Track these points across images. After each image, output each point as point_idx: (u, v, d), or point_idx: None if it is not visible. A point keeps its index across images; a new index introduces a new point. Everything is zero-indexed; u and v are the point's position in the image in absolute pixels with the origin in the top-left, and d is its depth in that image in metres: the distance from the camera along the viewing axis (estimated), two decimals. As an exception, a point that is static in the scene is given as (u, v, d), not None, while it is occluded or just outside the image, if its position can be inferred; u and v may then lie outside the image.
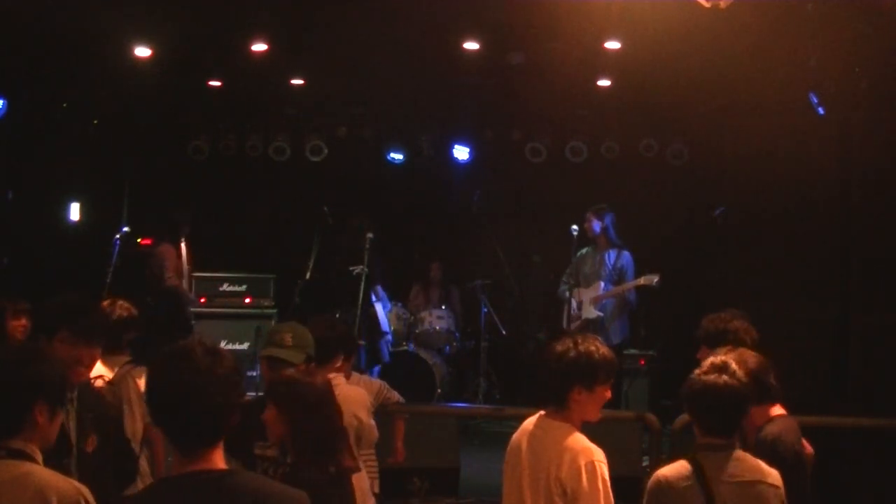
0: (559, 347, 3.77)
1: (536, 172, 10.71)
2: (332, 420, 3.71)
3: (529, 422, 3.88)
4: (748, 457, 3.52)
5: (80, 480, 3.46)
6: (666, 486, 3.45)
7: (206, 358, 2.48)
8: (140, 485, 4.55)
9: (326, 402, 3.74)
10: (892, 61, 7.14)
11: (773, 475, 3.51)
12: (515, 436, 3.91)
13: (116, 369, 4.82)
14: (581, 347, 3.73)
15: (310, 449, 3.56)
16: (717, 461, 3.44)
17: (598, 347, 3.75)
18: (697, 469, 3.41)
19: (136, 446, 4.66)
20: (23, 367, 2.91)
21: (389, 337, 9.27)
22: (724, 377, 3.47)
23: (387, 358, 9.26)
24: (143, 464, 4.75)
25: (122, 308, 5.06)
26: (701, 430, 3.53)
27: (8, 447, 2.83)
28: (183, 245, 9.37)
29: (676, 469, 3.47)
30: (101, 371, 4.56)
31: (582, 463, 3.63)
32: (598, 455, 3.67)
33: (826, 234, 7.36)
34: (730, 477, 3.42)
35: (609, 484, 3.65)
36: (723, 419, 3.49)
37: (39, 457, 2.89)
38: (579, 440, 3.71)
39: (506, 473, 3.89)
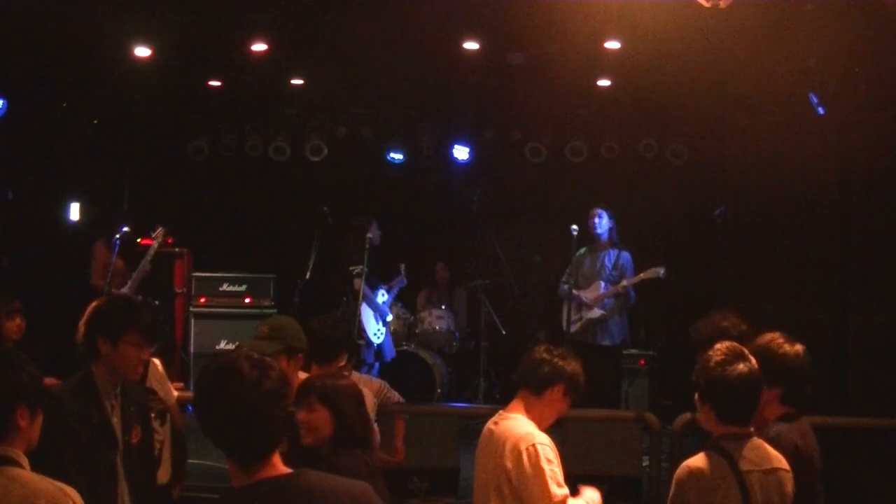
0: (556, 350, 4.02)
1: (536, 172, 10.71)
2: (367, 414, 3.81)
3: (494, 422, 3.99)
4: (763, 443, 3.52)
5: (126, 471, 3.65)
6: (699, 476, 3.39)
7: (253, 371, 2.46)
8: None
9: (362, 397, 3.84)
10: (892, 61, 7.14)
11: (784, 460, 3.53)
12: (481, 433, 4.03)
13: None
14: (571, 359, 4.00)
15: (350, 440, 3.62)
16: (739, 450, 3.43)
17: (580, 367, 4.01)
18: (730, 460, 3.39)
19: None
20: (10, 373, 2.92)
21: (371, 339, 9.17)
22: (745, 365, 3.46)
23: (370, 358, 9.16)
24: None
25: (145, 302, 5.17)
26: (719, 419, 3.48)
27: None
28: (154, 244, 9.24)
29: (705, 460, 3.43)
30: None
31: (523, 448, 3.72)
32: (540, 438, 3.76)
33: (826, 234, 7.35)
34: (754, 466, 3.42)
35: (554, 465, 3.71)
36: (745, 407, 3.48)
37: (25, 461, 2.90)
38: (522, 426, 3.80)
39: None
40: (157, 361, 4.91)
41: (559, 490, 3.70)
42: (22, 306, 6.11)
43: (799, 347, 3.90)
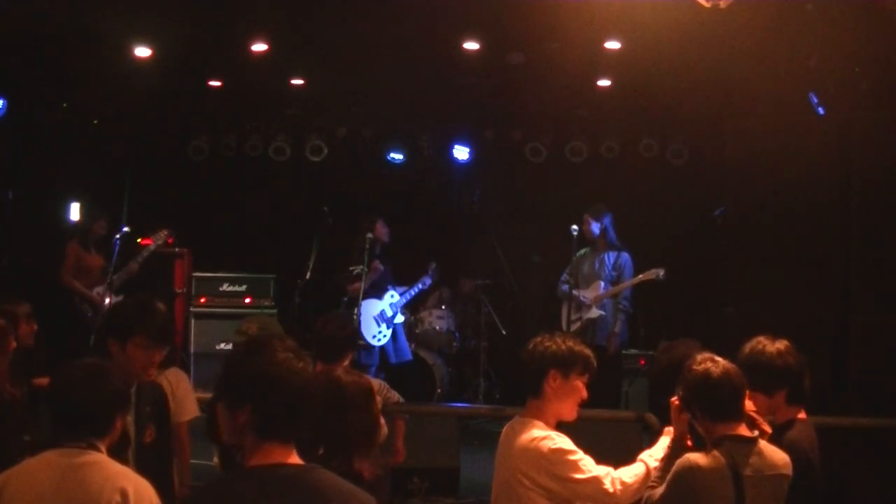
0: (538, 338, 3.88)
1: (536, 172, 10.71)
2: (361, 419, 3.69)
3: (509, 424, 3.94)
4: (767, 447, 3.53)
5: (139, 471, 3.64)
6: (699, 473, 3.40)
7: (295, 355, 2.57)
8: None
9: (361, 400, 3.71)
10: (892, 61, 7.14)
11: (788, 462, 3.54)
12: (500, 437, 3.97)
13: None
14: (559, 339, 3.85)
15: (337, 446, 3.54)
16: (743, 454, 3.44)
17: (576, 342, 3.87)
18: (732, 464, 3.40)
19: None
20: (112, 382, 3.31)
21: (371, 342, 9.13)
22: (716, 363, 3.51)
23: (374, 360, 9.10)
24: None
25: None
26: (712, 420, 3.50)
27: (87, 441, 3.22)
28: (152, 246, 9.28)
29: (709, 459, 3.43)
30: None
31: (547, 456, 3.67)
32: (555, 438, 3.71)
33: (826, 234, 7.34)
34: (755, 472, 3.43)
35: (577, 451, 3.70)
36: (737, 402, 3.50)
37: (105, 455, 3.27)
38: (532, 434, 3.73)
39: None
40: (184, 377, 4.84)
41: (600, 469, 3.69)
42: (32, 310, 6.11)
43: (780, 345, 3.91)
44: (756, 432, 3.54)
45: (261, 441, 2.53)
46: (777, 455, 3.53)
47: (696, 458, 3.46)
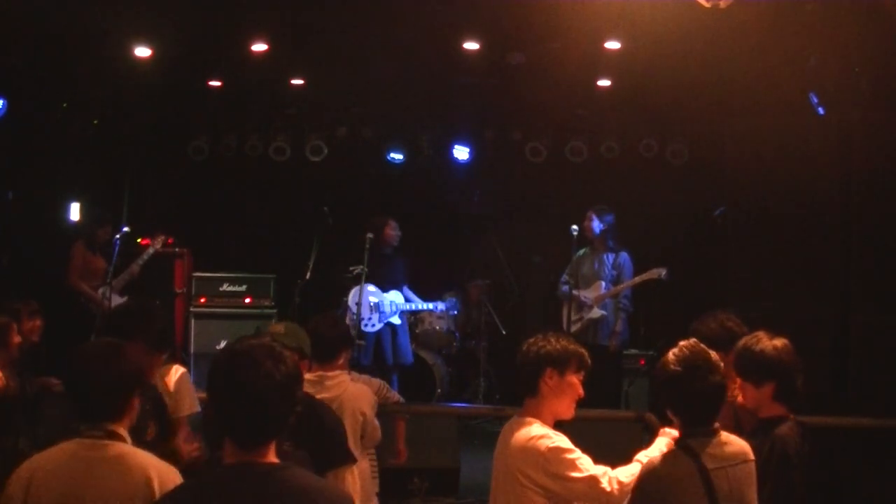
0: (532, 339, 3.94)
1: (536, 172, 10.71)
2: None
3: (507, 423, 3.96)
4: (729, 437, 3.52)
5: None
6: (664, 479, 3.41)
7: (267, 360, 2.59)
8: None
9: None
10: (892, 61, 7.14)
11: (749, 448, 3.54)
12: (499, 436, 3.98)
13: None
14: (552, 338, 3.89)
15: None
16: (706, 447, 3.42)
17: (570, 341, 3.92)
18: (696, 459, 3.38)
19: None
20: (125, 361, 3.25)
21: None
22: (700, 371, 3.46)
23: (366, 360, 9.08)
24: None
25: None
26: (684, 421, 3.51)
27: (106, 429, 3.12)
28: (150, 250, 9.33)
29: (671, 459, 3.45)
30: None
31: (545, 454, 3.68)
32: (552, 437, 3.74)
33: (826, 234, 7.35)
34: (720, 463, 3.42)
35: (575, 450, 3.71)
36: (714, 413, 3.48)
37: (129, 438, 3.19)
38: (530, 433, 3.75)
39: None
40: (180, 372, 4.82)
41: (597, 468, 3.70)
42: (39, 307, 6.12)
43: (778, 342, 3.91)
44: (717, 425, 3.52)
45: (228, 440, 2.61)
46: (739, 443, 3.52)
47: (658, 461, 3.49)
